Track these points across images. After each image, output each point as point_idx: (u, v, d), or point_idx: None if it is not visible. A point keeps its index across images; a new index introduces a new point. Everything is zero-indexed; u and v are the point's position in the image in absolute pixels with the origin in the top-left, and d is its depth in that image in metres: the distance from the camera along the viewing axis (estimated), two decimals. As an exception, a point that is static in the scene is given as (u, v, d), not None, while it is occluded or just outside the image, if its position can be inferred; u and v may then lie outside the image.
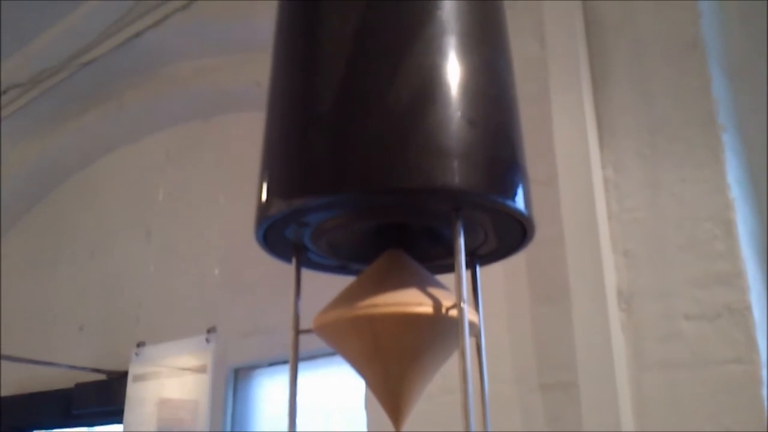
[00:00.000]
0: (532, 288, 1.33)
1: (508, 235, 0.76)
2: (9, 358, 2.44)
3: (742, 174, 1.21)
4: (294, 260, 0.77)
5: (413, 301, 0.68)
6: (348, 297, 0.71)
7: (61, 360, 2.55)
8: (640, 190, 1.23)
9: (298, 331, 0.74)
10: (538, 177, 1.32)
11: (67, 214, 3.21)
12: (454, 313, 0.66)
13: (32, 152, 3.17)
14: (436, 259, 0.80)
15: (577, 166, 1.27)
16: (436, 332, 0.69)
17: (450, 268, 0.67)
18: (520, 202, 0.71)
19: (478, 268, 0.82)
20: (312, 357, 1.87)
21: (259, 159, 0.74)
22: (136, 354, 2.27)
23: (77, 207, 3.17)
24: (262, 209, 0.71)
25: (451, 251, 0.67)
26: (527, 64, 1.40)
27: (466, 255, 0.67)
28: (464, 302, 0.64)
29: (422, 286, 0.70)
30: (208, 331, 2.08)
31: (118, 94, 2.83)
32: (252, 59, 2.35)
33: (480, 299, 0.80)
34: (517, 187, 0.72)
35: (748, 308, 1.08)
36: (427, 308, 0.67)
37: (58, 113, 3.00)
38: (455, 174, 0.66)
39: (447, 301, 0.68)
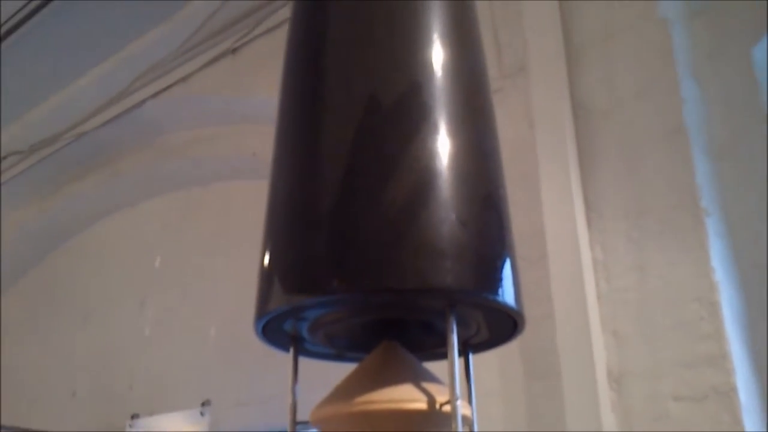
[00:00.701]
0: (526, 366, 1.35)
1: (499, 326, 0.80)
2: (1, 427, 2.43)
3: (727, 256, 1.24)
4: (292, 350, 0.79)
5: (408, 397, 0.70)
6: (345, 391, 0.74)
7: (54, 428, 2.53)
8: (628, 271, 1.27)
9: (295, 422, 0.77)
10: (529, 256, 1.36)
11: (62, 278, 3.22)
12: (447, 408, 0.69)
13: (29, 216, 3.20)
14: (430, 347, 0.83)
15: (567, 247, 1.30)
16: (431, 426, 0.72)
17: (444, 355, 0.70)
18: (510, 297, 0.74)
19: (471, 357, 0.85)
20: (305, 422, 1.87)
21: (257, 227, 0.77)
22: (130, 426, 2.26)
23: (72, 272, 3.18)
24: (262, 304, 0.74)
25: (444, 341, 0.70)
26: (517, 145, 1.44)
27: (459, 344, 0.70)
28: (458, 398, 0.67)
29: (417, 380, 0.73)
30: (203, 404, 2.09)
31: (116, 161, 2.88)
32: (249, 130, 2.40)
33: (473, 387, 0.82)
34: (507, 283, 0.75)
35: (734, 390, 1.11)
36: (421, 404, 0.70)
37: (56, 179, 3.04)
38: (448, 274, 0.70)
39: (441, 396, 0.70)
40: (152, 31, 2.44)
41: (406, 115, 0.76)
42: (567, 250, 1.31)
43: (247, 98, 2.30)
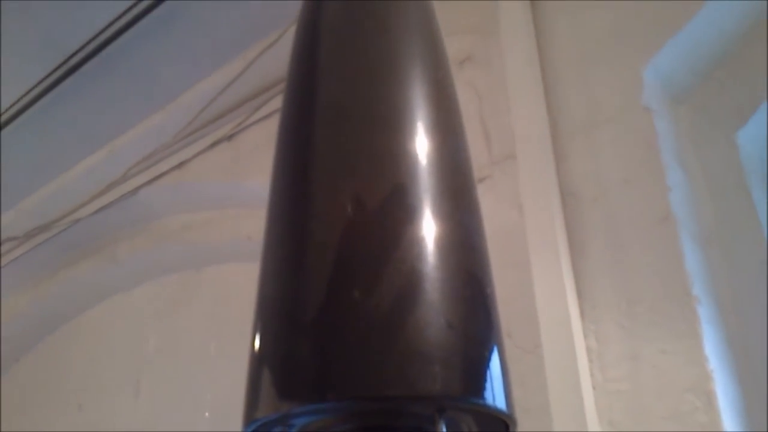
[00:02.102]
0: (521, 457, 1.33)
1: (491, 426, 0.79)
2: None
3: (720, 344, 1.24)
4: (281, 455, 0.78)
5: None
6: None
7: None
8: (621, 361, 1.26)
9: None
10: (524, 345, 1.35)
11: (56, 364, 3.18)
12: None
13: (24, 302, 3.19)
14: (420, 449, 0.82)
15: (561, 336, 1.30)
16: None
17: (434, 456, 0.68)
18: (500, 401, 0.73)
19: (462, 459, 0.83)
20: None
21: (252, 310, 0.78)
22: None
23: (67, 357, 3.15)
24: (249, 411, 0.74)
25: (434, 444, 0.69)
26: (507, 232, 1.45)
27: (451, 446, 0.69)
28: None
29: (406, 488, 0.72)
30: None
31: (111, 246, 2.88)
32: (244, 214, 2.42)
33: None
34: (497, 386, 0.74)
35: (732, 483, 1.09)
36: None
37: (51, 264, 3.04)
38: (436, 380, 0.69)
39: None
40: (147, 120, 2.49)
41: (391, 218, 0.76)
42: (561, 339, 1.30)
43: (243, 183, 2.32)
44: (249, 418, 0.73)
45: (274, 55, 2.11)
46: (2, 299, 3.18)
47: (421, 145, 0.82)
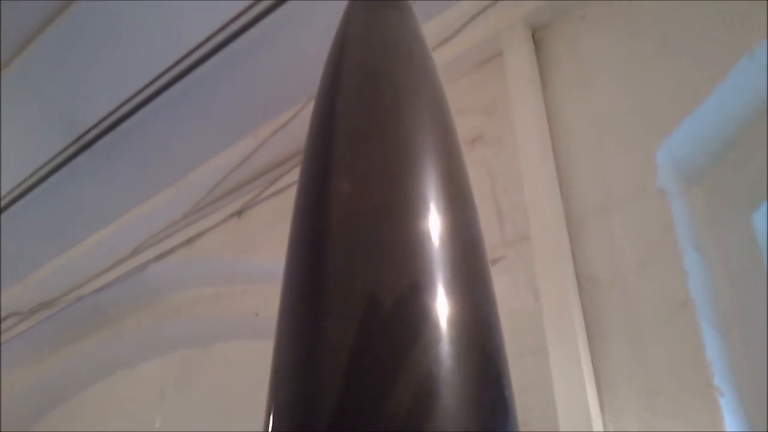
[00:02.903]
0: None
1: None
2: None
3: (743, 435, 1.20)
4: None
5: None
6: None
7: None
8: (643, 454, 1.22)
9: None
10: (542, 435, 1.31)
11: (59, 441, 3.13)
12: None
13: (27, 378, 3.15)
14: None
15: (581, 427, 1.26)
16: None
17: None
18: None
19: None
20: None
21: (258, 388, 0.79)
22: None
23: (71, 434, 3.10)
24: None
25: None
26: (523, 317, 1.43)
27: None
28: None
29: None
30: None
31: (116, 322, 2.86)
32: (253, 290, 2.40)
33: None
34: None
35: None
36: None
37: (55, 339, 3.01)
38: (454, 492, 0.67)
39: None
40: (157, 196, 2.49)
41: (407, 318, 0.75)
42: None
43: (251, 259, 2.31)
44: None
45: (286, 132, 2.12)
46: (5, 375, 3.14)
47: (436, 239, 0.81)
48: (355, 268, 0.79)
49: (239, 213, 2.36)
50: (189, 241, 2.47)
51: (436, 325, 0.75)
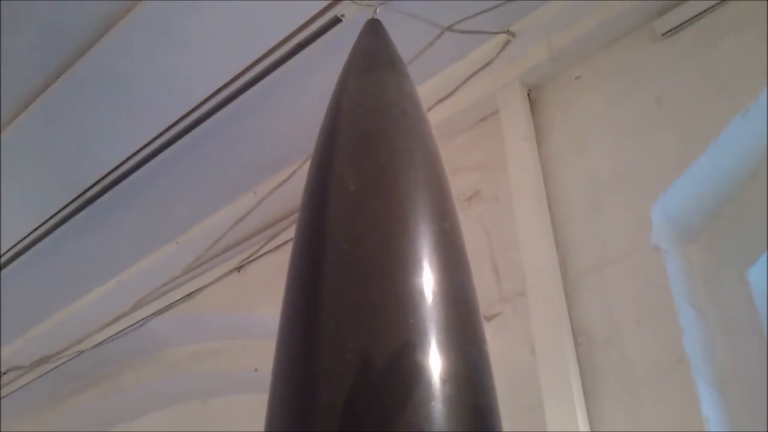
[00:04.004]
0: None
1: None
2: None
3: (741, 494, 1.19)
4: None
5: None
6: None
7: None
8: None
9: None
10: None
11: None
12: None
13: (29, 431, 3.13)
14: None
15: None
16: None
17: None
18: None
19: None
20: None
21: None
22: None
23: (67, 491, 3.06)
24: None
25: None
26: (519, 372, 1.43)
27: None
28: None
29: None
30: None
31: (116, 376, 2.85)
32: (252, 345, 2.40)
33: None
34: None
35: None
36: None
37: (55, 393, 3.00)
38: None
39: None
40: (157, 252, 2.51)
41: (399, 378, 0.75)
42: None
43: (251, 314, 2.31)
44: None
45: (285, 190, 2.15)
46: (6, 428, 3.12)
47: (429, 298, 0.82)
48: (348, 328, 0.80)
49: (239, 268, 2.38)
50: (189, 296, 2.48)
51: (429, 384, 0.76)
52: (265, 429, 0.80)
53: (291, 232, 2.19)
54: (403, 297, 0.81)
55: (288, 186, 2.12)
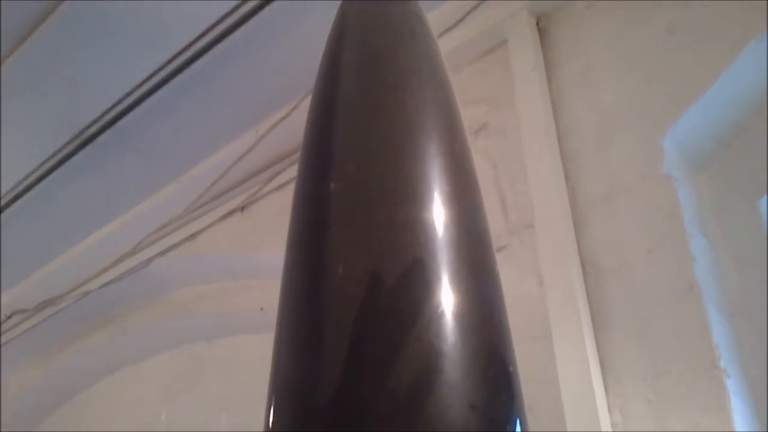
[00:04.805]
0: None
1: None
2: None
3: (750, 418, 1.19)
4: None
5: None
6: None
7: None
8: (649, 437, 1.21)
9: None
10: (546, 421, 1.31)
11: (65, 439, 3.13)
12: None
13: (33, 375, 3.15)
14: None
15: (584, 411, 1.25)
16: None
17: None
18: (525, 485, 0.70)
19: None
20: None
21: (264, 382, 0.75)
22: None
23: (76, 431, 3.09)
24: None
25: None
26: (527, 305, 1.42)
27: None
28: None
29: None
30: None
31: (121, 318, 2.85)
32: (257, 285, 2.39)
33: None
34: (522, 470, 0.71)
35: None
36: None
37: (60, 337, 3.01)
38: (458, 465, 0.66)
39: None
40: (159, 192, 2.49)
41: (409, 295, 0.73)
42: (585, 414, 1.25)
43: (255, 254, 2.30)
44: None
45: (287, 127, 2.11)
46: (11, 373, 3.14)
47: (439, 218, 0.80)
48: (356, 248, 0.78)
49: (242, 208, 2.36)
50: (192, 236, 2.47)
51: (439, 301, 0.74)
52: (274, 348, 0.79)
53: (294, 171, 2.17)
54: (412, 217, 0.80)
55: (291, 123, 2.09)
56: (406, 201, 0.80)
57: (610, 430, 1.25)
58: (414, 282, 0.74)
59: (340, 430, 0.67)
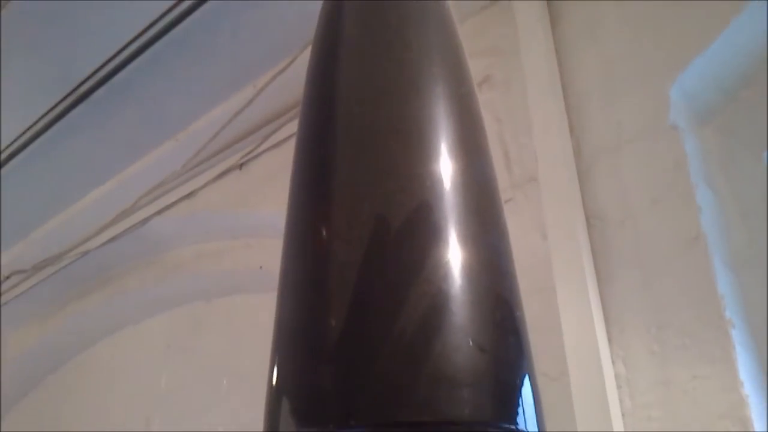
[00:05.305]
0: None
1: (521, 456, 0.74)
2: None
3: (754, 369, 1.19)
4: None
5: None
6: None
7: None
8: (652, 387, 1.21)
9: None
10: (548, 372, 1.30)
11: (64, 399, 3.13)
12: None
13: (32, 336, 3.15)
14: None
15: (587, 362, 1.24)
16: None
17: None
18: (533, 426, 0.69)
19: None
20: None
21: (264, 341, 0.74)
22: None
23: (75, 392, 3.10)
24: (268, 440, 0.69)
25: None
26: (531, 258, 1.41)
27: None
28: None
29: None
30: None
31: (120, 278, 2.85)
32: (256, 243, 2.38)
33: None
34: (529, 411, 0.70)
35: None
36: None
37: (59, 297, 3.00)
38: (466, 405, 0.64)
39: None
40: (157, 150, 2.46)
41: (416, 237, 0.72)
42: (588, 366, 1.25)
43: (255, 212, 2.28)
44: (267, 450, 0.69)
45: (285, 82, 2.08)
46: (10, 333, 3.14)
47: (446, 162, 0.78)
48: (362, 191, 0.76)
49: (240, 166, 2.34)
50: (190, 194, 2.45)
51: (447, 244, 0.73)
52: (278, 294, 0.77)
53: (293, 127, 2.15)
54: (419, 160, 0.78)
55: (289, 78, 2.05)
56: (412, 143, 0.78)
57: (614, 380, 1.24)
58: (421, 225, 0.72)
59: (346, 372, 0.66)
